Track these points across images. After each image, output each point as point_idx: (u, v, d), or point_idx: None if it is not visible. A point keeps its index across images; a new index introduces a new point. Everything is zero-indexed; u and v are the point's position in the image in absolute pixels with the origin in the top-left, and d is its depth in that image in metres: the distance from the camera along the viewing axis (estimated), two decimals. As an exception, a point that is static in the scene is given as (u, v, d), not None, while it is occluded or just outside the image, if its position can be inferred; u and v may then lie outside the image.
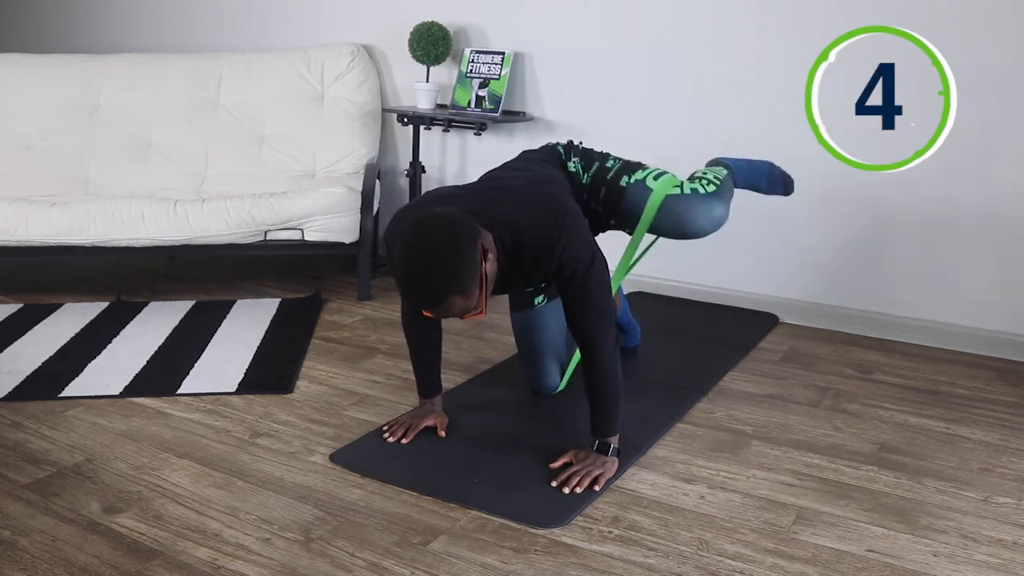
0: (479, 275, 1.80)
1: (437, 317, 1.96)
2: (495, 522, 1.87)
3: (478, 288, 1.80)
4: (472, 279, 1.78)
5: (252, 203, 3.27)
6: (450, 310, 1.81)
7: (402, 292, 1.90)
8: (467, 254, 1.78)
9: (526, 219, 1.96)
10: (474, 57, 3.66)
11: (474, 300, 1.81)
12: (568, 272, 1.96)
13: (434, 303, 1.80)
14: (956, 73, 2.66)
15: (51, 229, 3.16)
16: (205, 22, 4.35)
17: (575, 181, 2.35)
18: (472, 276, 1.78)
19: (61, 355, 2.74)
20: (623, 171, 2.36)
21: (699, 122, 3.34)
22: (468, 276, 1.78)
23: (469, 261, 1.78)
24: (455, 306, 1.80)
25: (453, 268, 1.76)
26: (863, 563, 1.76)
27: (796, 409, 2.52)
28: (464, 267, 1.77)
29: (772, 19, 3.17)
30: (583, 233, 2.00)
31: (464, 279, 1.77)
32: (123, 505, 1.90)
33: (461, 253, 1.77)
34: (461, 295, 1.78)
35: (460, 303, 1.79)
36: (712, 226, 2.37)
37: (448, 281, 1.76)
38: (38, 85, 3.91)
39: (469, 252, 1.78)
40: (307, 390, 2.57)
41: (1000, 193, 2.93)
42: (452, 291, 1.77)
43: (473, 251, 1.79)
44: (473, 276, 1.78)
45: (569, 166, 2.37)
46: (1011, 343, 2.98)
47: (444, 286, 1.77)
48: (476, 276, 1.79)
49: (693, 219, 2.34)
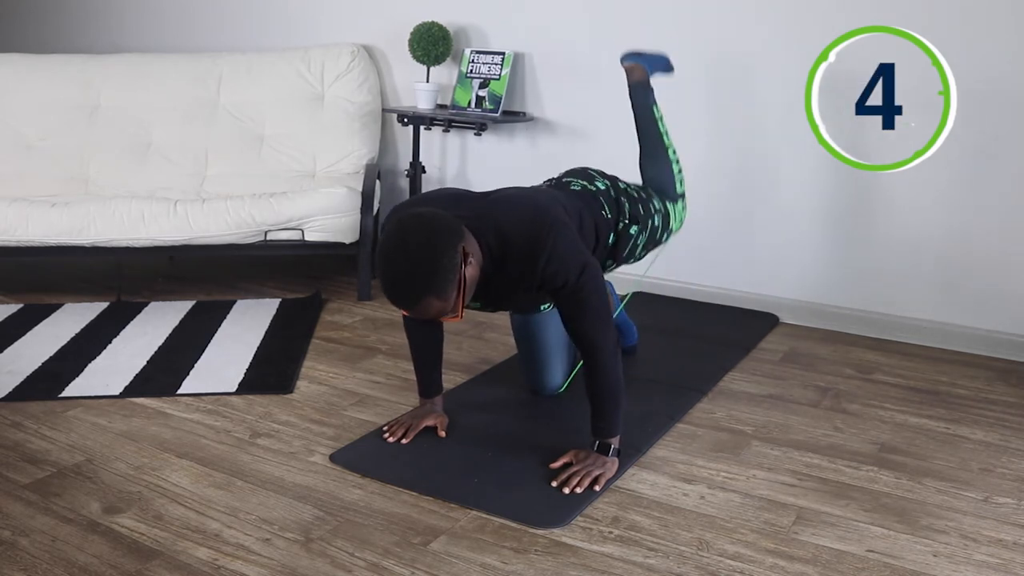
0: (457, 278, 1.80)
1: (415, 317, 1.96)
2: (495, 522, 1.87)
3: (455, 291, 1.80)
4: (450, 282, 1.78)
5: (252, 203, 3.26)
6: (426, 311, 1.81)
7: (383, 290, 1.90)
8: (446, 257, 1.77)
9: (513, 226, 1.96)
10: (474, 57, 3.65)
11: (451, 303, 1.81)
12: (559, 283, 1.96)
13: (410, 303, 1.80)
14: (956, 73, 2.66)
15: (51, 229, 3.16)
16: (205, 22, 4.35)
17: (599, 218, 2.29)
18: (450, 279, 1.78)
19: (61, 355, 2.74)
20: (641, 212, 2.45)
21: (699, 122, 3.34)
22: (445, 279, 1.77)
23: (447, 264, 1.77)
24: (431, 308, 1.80)
25: (431, 270, 1.76)
26: (863, 563, 1.76)
27: (796, 409, 2.52)
28: (442, 269, 1.77)
29: (772, 19, 3.17)
30: (571, 243, 1.99)
31: (441, 281, 1.77)
32: (123, 505, 1.90)
33: (440, 255, 1.77)
34: (437, 297, 1.78)
35: (437, 305, 1.79)
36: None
37: (425, 283, 1.76)
38: (38, 85, 3.91)
39: (448, 255, 1.78)
40: (307, 390, 2.57)
41: (1000, 193, 2.93)
42: (428, 293, 1.77)
43: (453, 254, 1.78)
44: (451, 279, 1.78)
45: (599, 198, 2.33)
46: (1011, 343, 2.98)
47: (420, 288, 1.77)
48: (454, 279, 1.79)
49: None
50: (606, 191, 2.37)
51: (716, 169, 3.34)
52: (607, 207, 2.33)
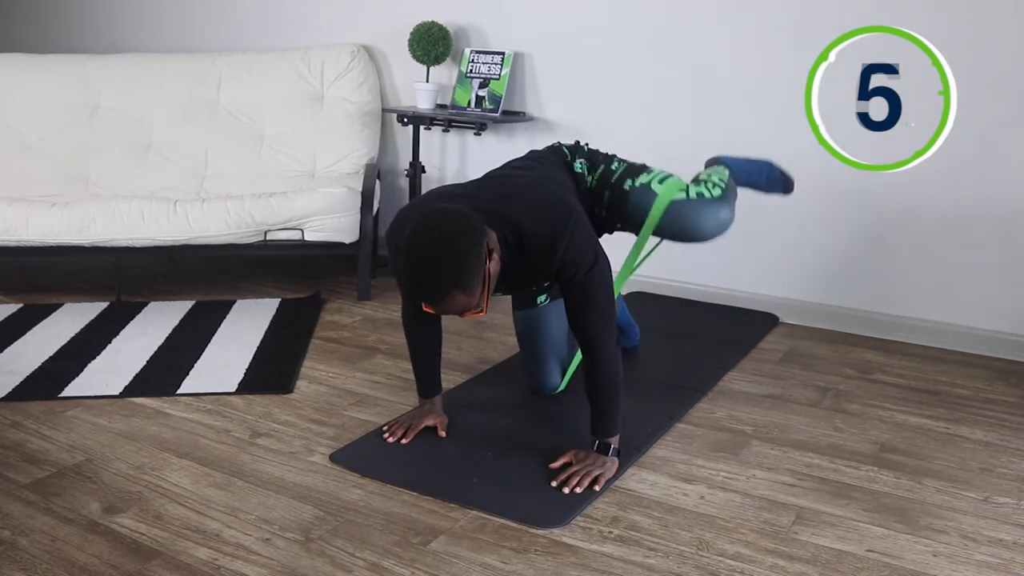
0: (483, 273, 1.80)
1: (438, 313, 1.95)
2: (495, 522, 1.87)
3: (481, 286, 1.80)
4: (476, 277, 1.78)
5: (252, 203, 3.26)
6: (452, 307, 1.81)
7: (405, 286, 1.89)
8: (473, 251, 1.77)
9: (530, 218, 1.96)
10: (474, 57, 3.66)
11: (476, 298, 1.81)
12: (571, 272, 1.96)
13: (436, 299, 1.80)
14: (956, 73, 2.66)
15: (51, 229, 3.16)
16: (205, 22, 4.35)
17: (580, 182, 2.35)
18: (476, 274, 1.78)
19: (61, 355, 2.74)
20: (628, 174, 2.35)
21: (699, 122, 3.34)
22: (472, 274, 1.77)
23: (474, 259, 1.77)
24: (457, 303, 1.79)
25: (458, 265, 1.76)
26: (863, 563, 1.76)
27: (796, 409, 2.52)
28: (469, 264, 1.77)
29: (772, 19, 3.17)
30: (587, 233, 2.00)
31: (468, 276, 1.77)
32: (123, 505, 1.90)
33: (467, 250, 1.77)
34: (464, 292, 1.78)
35: (462, 300, 1.79)
36: (718, 230, 2.36)
37: (452, 277, 1.76)
38: (38, 85, 3.91)
39: (475, 250, 1.78)
40: (307, 390, 2.57)
41: (1000, 193, 2.93)
42: (456, 288, 1.77)
43: (479, 249, 1.79)
44: (477, 274, 1.78)
45: (575, 167, 2.37)
46: (1011, 343, 2.98)
47: (448, 282, 1.76)
48: (480, 274, 1.79)
49: (699, 223, 2.33)
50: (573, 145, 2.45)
51: (716, 169, 3.34)
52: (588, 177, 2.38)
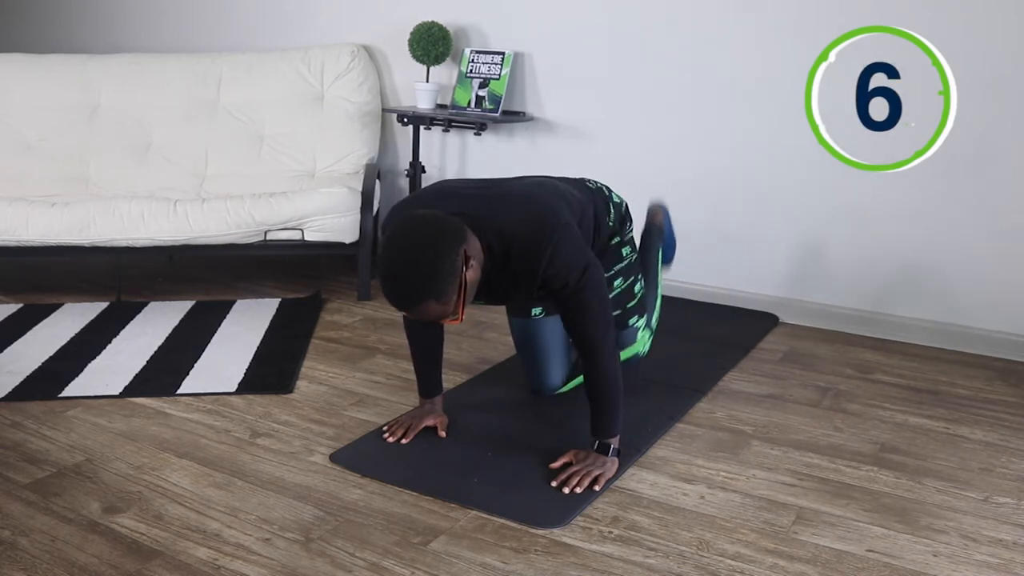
0: (458, 281, 1.79)
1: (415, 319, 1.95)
2: (495, 522, 1.87)
3: (456, 295, 1.79)
4: (450, 285, 1.77)
5: (252, 203, 3.26)
6: (426, 315, 1.80)
7: (383, 293, 1.89)
8: (448, 260, 1.76)
9: (516, 226, 1.94)
10: (474, 57, 3.66)
11: (451, 306, 1.80)
12: (559, 283, 1.95)
13: (409, 306, 1.80)
14: (956, 73, 2.66)
15: (51, 229, 3.16)
16: (205, 22, 4.36)
17: (601, 219, 2.31)
18: (450, 282, 1.77)
19: (61, 355, 2.74)
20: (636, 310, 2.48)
21: (699, 122, 3.34)
22: (446, 282, 1.76)
23: (449, 267, 1.76)
24: (431, 311, 1.79)
25: (431, 273, 1.75)
26: (863, 563, 1.76)
27: (796, 409, 2.52)
28: (443, 272, 1.76)
29: (772, 19, 3.17)
30: (575, 243, 1.98)
31: (442, 284, 1.76)
32: (123, 505, 1.90)
33: (441, 258, 1.76)
34: (437, 300, 1.77)
35: (436, 308, 1.79)
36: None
37: (426, 285, 1.75)
38: (38, 85, 3.91)
39: (450, 258, 1.77)
40: (307, 390, 2.57)
41: (1000, 193, 2.93)
42: (428, 296, 1.76)
43: (454, 257, 1.78)
44: (451, 282, 1.77)
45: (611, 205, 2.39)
46: (1011, 343, 2.98)
47: (421, 290, 1.76)
48: (455, 282, 1.78)
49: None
50: (620, 204, 2.44)
51: (716, 169, 3.34)
52: (612, 215, 2.37)
